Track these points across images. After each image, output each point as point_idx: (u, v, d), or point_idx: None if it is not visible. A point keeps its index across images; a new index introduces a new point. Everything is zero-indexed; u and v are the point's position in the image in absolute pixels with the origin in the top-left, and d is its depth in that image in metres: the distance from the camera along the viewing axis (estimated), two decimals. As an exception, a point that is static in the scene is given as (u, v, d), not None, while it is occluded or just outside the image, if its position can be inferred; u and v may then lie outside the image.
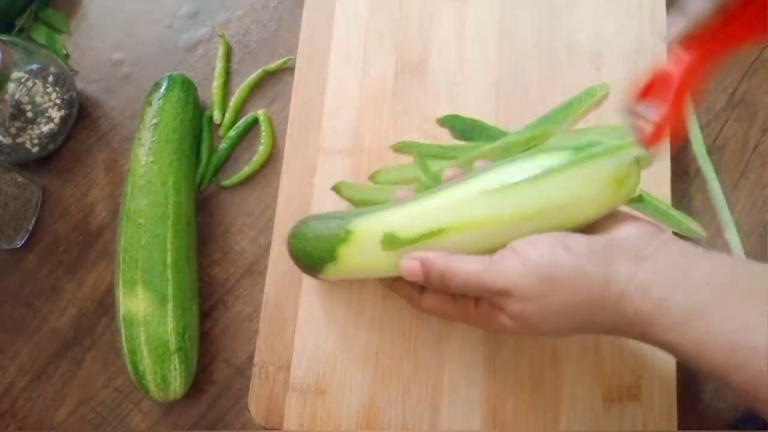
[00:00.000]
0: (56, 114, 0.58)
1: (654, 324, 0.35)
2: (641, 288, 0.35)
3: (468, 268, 0.39)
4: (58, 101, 0.58)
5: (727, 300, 0.34)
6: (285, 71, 0.60)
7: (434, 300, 0.43)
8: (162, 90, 0.56)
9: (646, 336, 0.36)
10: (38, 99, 0.57)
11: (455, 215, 0.41)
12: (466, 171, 0.44)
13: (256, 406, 0.50)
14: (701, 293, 0.34)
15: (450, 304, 0.43)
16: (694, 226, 0.50)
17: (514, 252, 0.38)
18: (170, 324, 0.50)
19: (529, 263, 0.37)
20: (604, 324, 0.37)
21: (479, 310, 0.41)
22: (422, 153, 0.52)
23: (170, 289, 0.50)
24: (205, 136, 0.58)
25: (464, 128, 0.54)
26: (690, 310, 0.34)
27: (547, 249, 0.37)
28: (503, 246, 0.40)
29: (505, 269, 0.38)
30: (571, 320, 0.38)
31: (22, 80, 0.56)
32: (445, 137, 0.54)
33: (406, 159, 0.53)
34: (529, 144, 0.50)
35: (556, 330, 0.39)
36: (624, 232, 0.39)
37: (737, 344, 0.32)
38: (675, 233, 0.48)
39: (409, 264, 0.41)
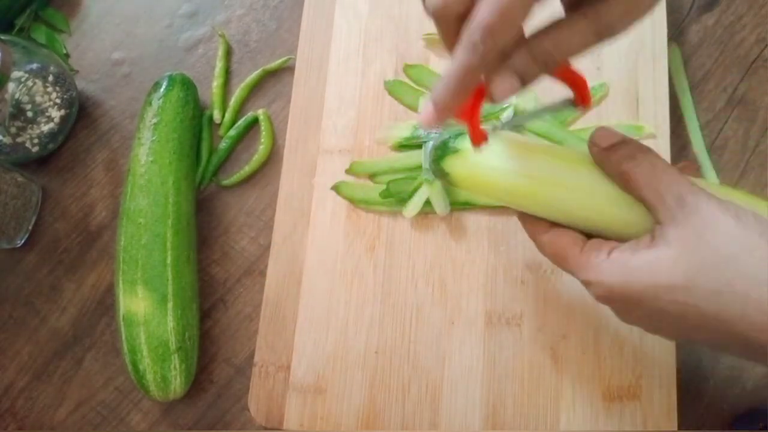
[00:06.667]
0: (56, 113, 0.58)
1: None
2: None
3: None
4: (58, 101, 0.58)
5: None
6: (285, 71, 0.60)
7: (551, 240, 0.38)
8: (162, 89, 0.56)
9: None
10: (38, 98, 0.57)
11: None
12: None
13: (256, 405, 0.50)
14: None
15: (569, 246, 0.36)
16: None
17: (622, 255, 0.33)
18: (170, 324, 0.50)
19: (618, 283, 0.33)
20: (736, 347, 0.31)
21: (582, 257, 0.35)
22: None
23: (170, 289, 0.50)
24: (205, 135, 0.58)
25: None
26: None
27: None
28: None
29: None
30: (680, 331, 0.33)
31: (22, 80, 0.56)
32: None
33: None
34: None
35: (662, 333, 0.35)
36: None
37: None
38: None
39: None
